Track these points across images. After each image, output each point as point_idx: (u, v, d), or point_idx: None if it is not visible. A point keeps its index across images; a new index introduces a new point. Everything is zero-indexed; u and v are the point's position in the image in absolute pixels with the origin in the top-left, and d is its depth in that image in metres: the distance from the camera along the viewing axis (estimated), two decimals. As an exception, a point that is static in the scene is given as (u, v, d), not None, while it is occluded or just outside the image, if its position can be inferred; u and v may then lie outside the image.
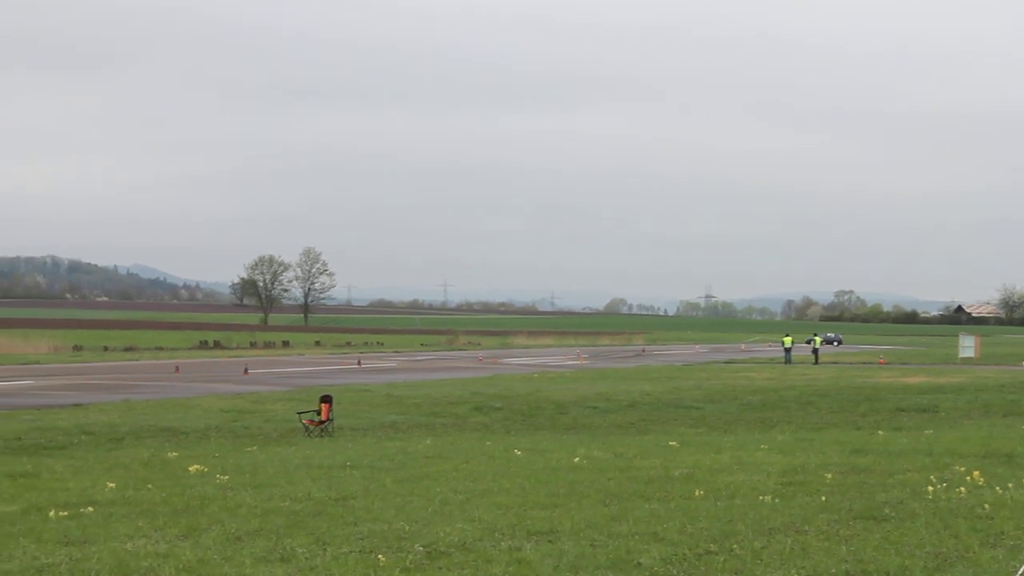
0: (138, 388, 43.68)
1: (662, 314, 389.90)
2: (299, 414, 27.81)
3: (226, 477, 16.74)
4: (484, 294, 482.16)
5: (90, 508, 13.65)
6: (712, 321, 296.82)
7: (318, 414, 26.79)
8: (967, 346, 75.53)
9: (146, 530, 11.96)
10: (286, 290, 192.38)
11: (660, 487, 14.65)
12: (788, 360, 70.92)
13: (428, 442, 23.39)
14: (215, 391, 42.04)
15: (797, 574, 9.20)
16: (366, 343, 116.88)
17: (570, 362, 75.08)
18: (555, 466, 17.72)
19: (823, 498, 13.11)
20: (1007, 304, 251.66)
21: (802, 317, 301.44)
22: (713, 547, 10.30)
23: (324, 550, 10.55)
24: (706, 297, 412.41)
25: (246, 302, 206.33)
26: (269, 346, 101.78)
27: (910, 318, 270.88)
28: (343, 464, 18.50)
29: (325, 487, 15.46)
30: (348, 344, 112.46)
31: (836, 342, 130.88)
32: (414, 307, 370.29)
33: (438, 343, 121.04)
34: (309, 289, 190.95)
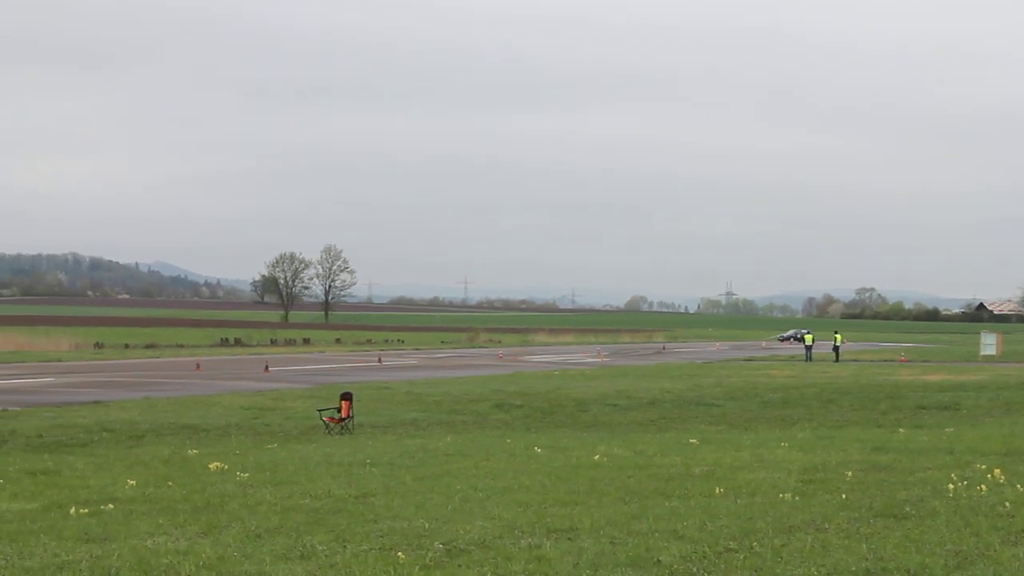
0: (159, 386, 43.83)
1: (682, 312, 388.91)
2: (319, 411, 27.85)
3: (246, 474, 16.78)
4: (504, 292, 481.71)
5: (110, 505, 13.69)
6: (733, 319, 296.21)
7: (338, 411, 26.83)
8: (989, 343, 75.12)
9: (166, 527, 11.99)
10: (307, 287, 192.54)
11: (680, 485, 14.62)
12: (809, 358, 70.75)
13: (448, 439, 23.41)
14: (236, 388, 42.15)
15: (817, 572, 9.17)
16: (387, 340, 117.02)
17: (590, 360, 75.05)
18: (575, 464, 17.72)
19: (843, 496, 13.06)
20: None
21: (823, 315, 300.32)
22: (733, 545, 10.28)
23: (344, 547, 10.56)
24: (727, 295, 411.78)
25: (267, 299, 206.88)
26: (290, 343, 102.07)
27: (931, 315, 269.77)
28: (363, 461, 18.53)
29: (345, 484, 15.48)
30: (369, 341, 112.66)
31: (795, 339, 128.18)
32: (435, 305, 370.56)
33: (459, 341, 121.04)
34: (330, 286, 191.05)
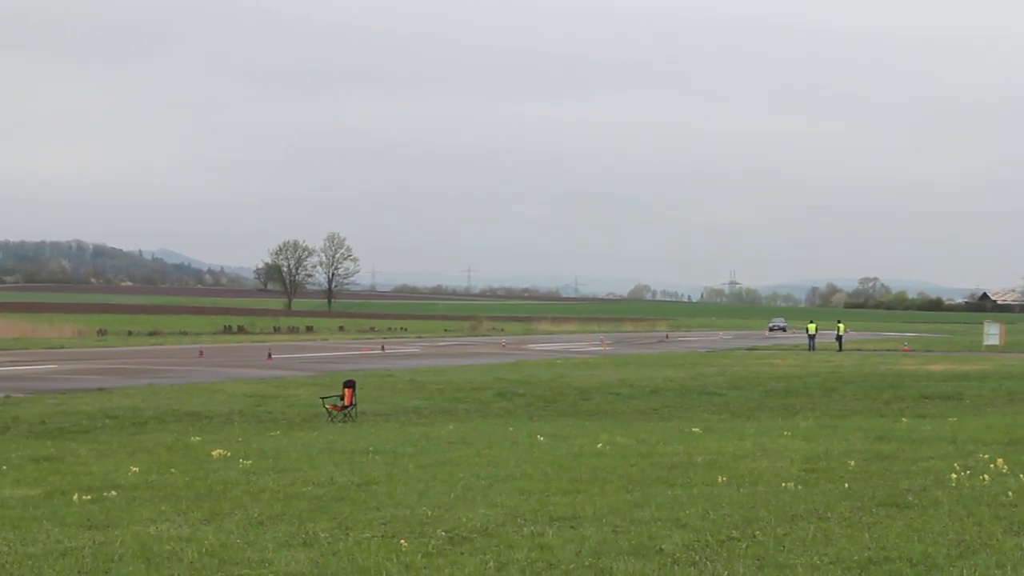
0: (162, 373, 43.87)
1: (686, 300, 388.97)
2: (322, 399, 27.87)
3: (249, 462, 16.79)
4: (507, 280, 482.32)
5: (113, 492, 13.72)
6: (736, 308, 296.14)
7: (341, 399, 26.85)
8: (992, 333, 75.06)
9: (169, 514, 12.00)
10: (310, 275, 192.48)
11: (683, 473, 14.62)
12: (812, 347, 70.69)
13: (451, 427, 23.42)
14: (239, 376, 42.17)
15: (819, 561, 9.17)
16: (390, 328, 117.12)
17: (593, 348, 75.05)
18: (578, 452, 17.72)
19: (846, 485, 13.06)
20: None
21: (826, 304, 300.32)
22: (735, 533, 10.28)
23: (347, 535, 10.56)
24: (730, 283, 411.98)
25: (270, 287, 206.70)
26: (293, 331, 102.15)
27: (935, 305, 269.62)
28: (366, 449, 18.54)
29: (348, 472, 15.49)
30: (372, 329, 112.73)
31: (779, 328, 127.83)
32: (438, 293, 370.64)
33: (461, 329, 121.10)
34: (333, 274, 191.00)
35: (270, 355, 57.20)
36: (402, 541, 10.06)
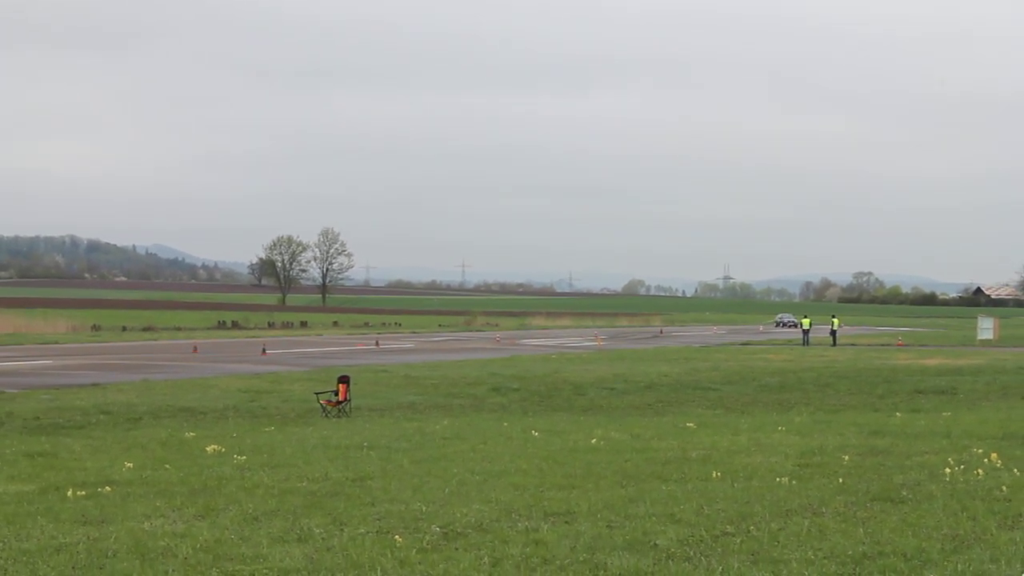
0: (156, 368, 43.82)
1: (680, 295, 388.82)
2: (317, 394, 27.86)
3: (243, 457, 16.79)
4: (502, 275, 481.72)
5: (108, 488, 13.69)
6: (730, 303, 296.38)
7: (336, 394, 26.84)
8: (986, 328, 75.25)
9: (163, 510, 11.99)
10: (304, 270, 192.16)
11: (677, 468, 14.63)
12: (806, 342, 70.78)
13: (445, 423, 23.42)
14: (233, 371, 42.14)
15: (814, 556, 9.18)
16: (384, 324, 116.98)
17: (588, 343, 75.08)
18: (572, 447, 17.73)
19: (840, 480, 13.08)
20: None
21: (820, 299, 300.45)
22: (730, 528, 10.29)
23: (341, 530, 10.56)
24: (724, 279, 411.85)
25: (264, 282, 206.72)
26: (287, 326, 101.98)
27: (929, 300, 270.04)
28: (360, 444, 18.53)
29: (342, 467, 15.49)
30: (366, 325, 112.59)
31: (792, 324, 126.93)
32: (432, 288, 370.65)
33: (456, 324, 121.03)
34: (327, 269, 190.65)
35: (264, 350, 57.14)
36: (397, 537, 10.06)
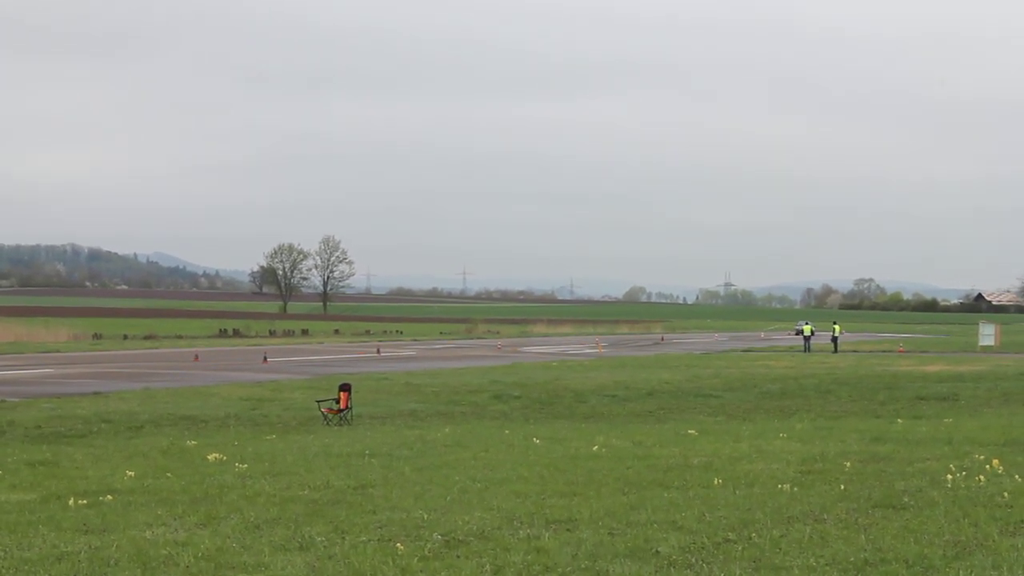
0: (158, 376, 43.83)
1: (681, 302, 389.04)
2: (318, 402, 27.86)
3: (245, 465, 16.78)
4: (503, 282, 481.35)
5: (109, 496, 13.69)
6: (731, 309, 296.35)
7: (337, 402, 26.83)
8: (987, 334, 75.14)
9: (165, 518, 11.98)
10: (305, 278, 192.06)
11: (679, 475, 14.62)
12: (807, 348, 70.73)
13: (447, 430, 23.41)
14: (234, 379, 42.16)
15: (816, 562, 9.17)
16: (385, 331, 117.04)
17: (589, 350, 75.07)
18: (574, 455, 17.71)
19: (842, 486, 13.06)
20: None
21: (822, 305, 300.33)
22: (732, 535, 10.28)
23: (343, 538, 10.55)
24: (726, 285, 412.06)
25: (265, 290, 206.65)
26: (288, 334, 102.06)
27: (930, 306, 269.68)
28: (362, 452, 18.53)
29: (344, 475, 15.48)
30: (367, 332, 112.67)
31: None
32: (433, 295, 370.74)
33: (457, 331, 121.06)
34: (328, 277, 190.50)
35: (265, 358, 57.16)
36: (398, 545, 10.06)
